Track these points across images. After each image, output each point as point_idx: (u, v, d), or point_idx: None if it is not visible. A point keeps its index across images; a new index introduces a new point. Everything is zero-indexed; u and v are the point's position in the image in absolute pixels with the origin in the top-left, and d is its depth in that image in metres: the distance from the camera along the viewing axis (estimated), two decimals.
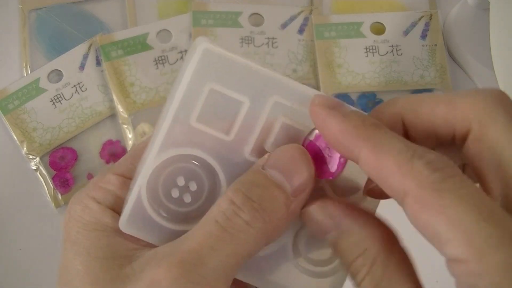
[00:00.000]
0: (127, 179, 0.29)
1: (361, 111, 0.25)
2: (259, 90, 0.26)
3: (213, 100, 0.26)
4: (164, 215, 0.28)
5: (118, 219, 0.28)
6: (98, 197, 0.28)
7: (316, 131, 0.27)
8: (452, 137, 0.25)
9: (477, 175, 0.23)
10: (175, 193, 0.27)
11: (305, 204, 0.27)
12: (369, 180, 0.27)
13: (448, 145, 0.25)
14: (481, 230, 0.20)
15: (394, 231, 0.26)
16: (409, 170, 0.21)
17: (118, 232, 0.28)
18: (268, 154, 0.27)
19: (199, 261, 0.24)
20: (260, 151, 0.27)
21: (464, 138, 0.24)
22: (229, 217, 0.25)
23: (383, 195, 0.26)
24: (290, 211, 0.26)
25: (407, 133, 0.26)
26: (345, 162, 0.26)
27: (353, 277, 0.25)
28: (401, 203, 0.22)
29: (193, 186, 0.27)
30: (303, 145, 0.27)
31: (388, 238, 0.25)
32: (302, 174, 0.26)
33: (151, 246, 0.27)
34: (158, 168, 0.27)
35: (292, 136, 0.27)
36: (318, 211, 0.26)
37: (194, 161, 0.27)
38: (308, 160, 0.26)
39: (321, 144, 0.26)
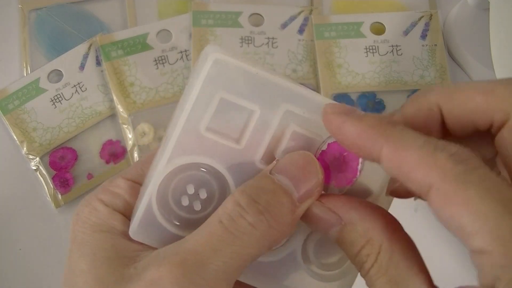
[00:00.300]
0: (136, 184, 0.29)
1: (375, 113, 0.25)
2: (270, 99, 0.26)
3: (224, 109, 0.26)
4: (174, 222, 0.28)
5: (125, 222, 0.28)
6: (106, 200, 0.29)
7: (328, 141, 0.27)
8: (490, 125, 0.24)
9: (507, 165, 0.23)
10: (185, 201, 0.27)
11: None
12: (392, 181, 0.27)
13: (482, 135, 0.25)
14: (506, 223, 0.20)
15: (395, 219, 0.26)
16: (432, 163, 0.21)
17: (124, 234, 0.28)
18: (276, 159, 0.27)
19: (200, 262, 0.24)
20: (271, 159, 0.27)
21: (502, 126, 0.24)
22: (233, 218, 0.25)
23: (407, 195, 0.26)
24: (295, 216, 0.26)
25: (443, 121, 0.25)
26: (361, 168, 0.26)
27: (360, 267, 0.25)
28: (425, 196, 0.22)
29: (203, 194, 0.27)
30: (315, 156, 0.27)
31: (391, 226, 0.25)
32: (309, 181, 0.26)
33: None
34: (168, 176, 0.27)
35: (302, 144, 0.27)
36: (319, 207, 0.26)
37: (204, 169, 0.27)
38: (315, 167, 0.26)
39: (334, 153, 0.26)
